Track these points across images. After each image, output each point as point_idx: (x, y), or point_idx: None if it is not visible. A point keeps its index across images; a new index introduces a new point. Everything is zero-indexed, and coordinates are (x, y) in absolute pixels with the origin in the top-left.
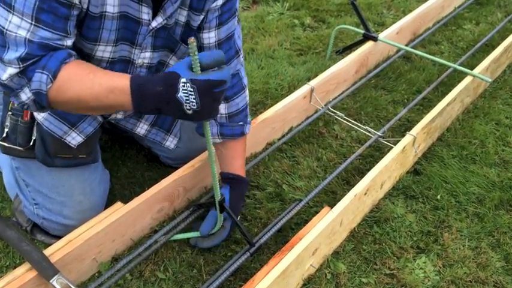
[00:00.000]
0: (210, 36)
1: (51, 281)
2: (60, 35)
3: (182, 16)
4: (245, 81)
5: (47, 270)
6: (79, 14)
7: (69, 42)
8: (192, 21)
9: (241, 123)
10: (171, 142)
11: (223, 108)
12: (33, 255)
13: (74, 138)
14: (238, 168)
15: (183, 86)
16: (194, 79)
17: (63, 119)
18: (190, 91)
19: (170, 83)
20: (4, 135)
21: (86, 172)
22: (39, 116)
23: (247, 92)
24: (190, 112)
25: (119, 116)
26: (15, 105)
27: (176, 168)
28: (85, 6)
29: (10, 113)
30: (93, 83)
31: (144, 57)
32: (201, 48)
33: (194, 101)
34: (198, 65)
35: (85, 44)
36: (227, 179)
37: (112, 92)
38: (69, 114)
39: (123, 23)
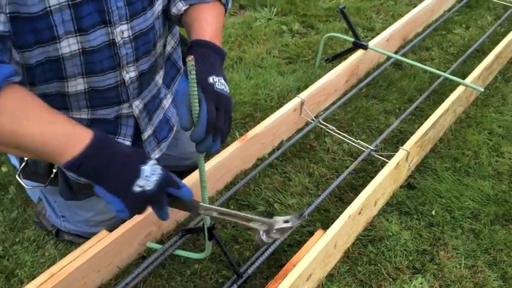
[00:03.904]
0: None
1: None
2: None
3: None
4: None
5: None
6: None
7: (5, 57)
8: None
9: None
10: (154, 155)
11: None
12: None
13: None
14: (206, 34)
15: (152, 165)
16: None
17: None
18: (158, 173)
19: (140, 151)
20: (24, 163)
21: None
22: None
23: None
24: (137, 190)
25: (140, 104)
26: None
27: None
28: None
29: None
30: (47, 119)
31: (121, 29)
32: None
33: (152, 183)
34: (195, 82)
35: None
36: (190, 47)
37: (67, 136)
38: None
39: (88, 8)
